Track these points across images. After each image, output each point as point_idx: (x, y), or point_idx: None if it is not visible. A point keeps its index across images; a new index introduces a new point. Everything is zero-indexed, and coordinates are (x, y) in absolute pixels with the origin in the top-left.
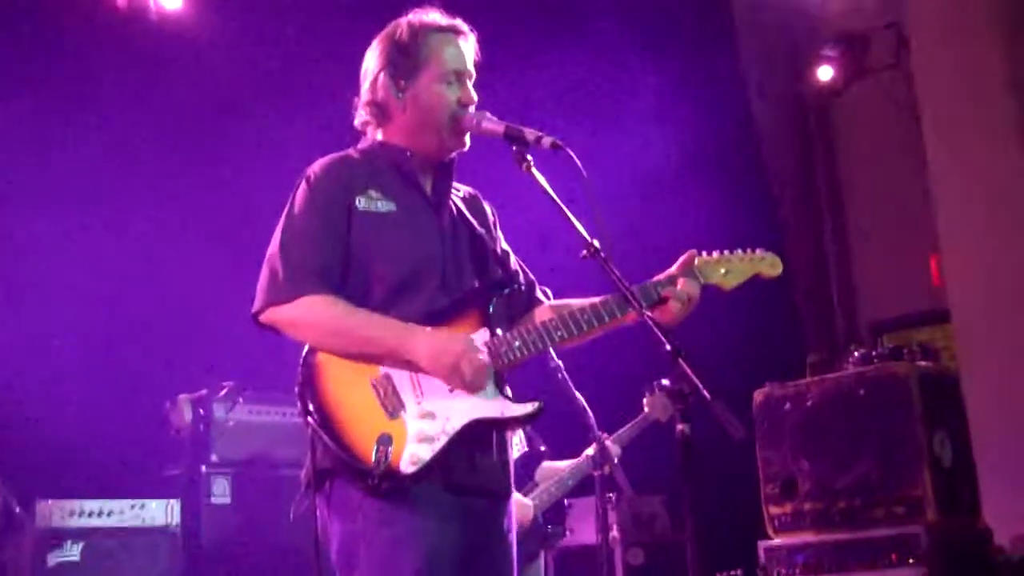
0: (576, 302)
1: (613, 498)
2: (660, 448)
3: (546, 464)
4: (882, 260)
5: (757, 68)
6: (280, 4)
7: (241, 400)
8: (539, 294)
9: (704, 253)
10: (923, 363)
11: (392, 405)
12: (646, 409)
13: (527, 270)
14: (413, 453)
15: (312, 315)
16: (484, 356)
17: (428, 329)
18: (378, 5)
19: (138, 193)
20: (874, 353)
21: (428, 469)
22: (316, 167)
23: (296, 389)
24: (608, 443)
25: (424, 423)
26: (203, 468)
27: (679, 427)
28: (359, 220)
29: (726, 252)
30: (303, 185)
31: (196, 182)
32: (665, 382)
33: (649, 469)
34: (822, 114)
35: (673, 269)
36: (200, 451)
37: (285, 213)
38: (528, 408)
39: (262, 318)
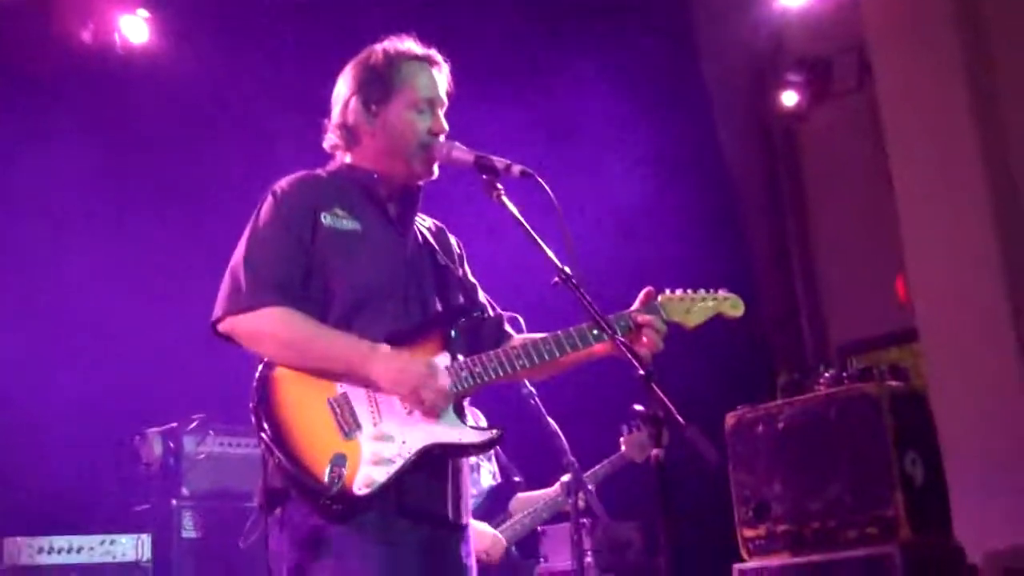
0: (544, 335)
1: (588, 524)
2: (634, 474)
3: (520, 495)
4: (849, 281)
5: (721, 93)
6: (246, 37)
7: (211, 433)
8: (508, 328)
9: (668, 291)
10: (893, 383)
11: (348, 425)
12: (622, 448)
13: (495, 305)
14: (367, 475)
15: (271, 326)
16: (445, 380)
17: (389, 349)
18: (345, 36)
19: (106, 226)
20: (844, 374)
21: (382, 492)
22: (283, 182)
23: (251, 404)
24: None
25: (380, 445)
26: (173, 502)
27: (653, 452)
28: (324, 236)
29: (689, 291)
30: (269, 199)
31: (164, 215)
32: (639, 407)
33: (623, 495)
34: (787, 138)
35: (636, 305)
36: (170, 485)
37: (250, 225)
38: (486, 435)
39: (221, 327)
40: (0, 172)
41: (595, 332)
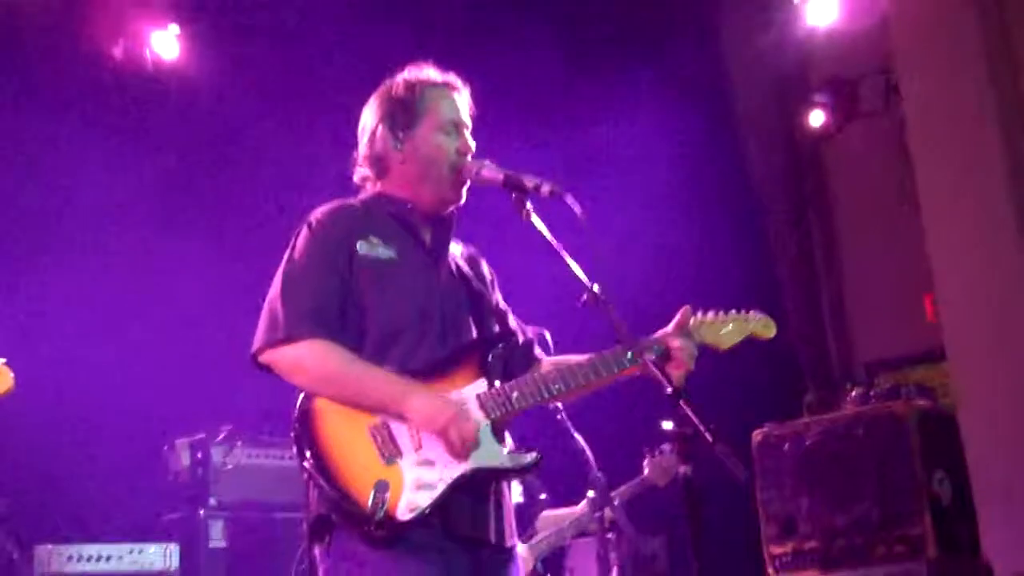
0: (575, 358)
1: (613, 538)
2: (660, 489)
3: (547, 512)
4: (876, 300)
5: (749, 114)
6: (278, 53)
7: (239, 444)
8: (538, 352)
9: (699, 313)
10: (920, 402)
11: (389, 452)
12: (645, 471)
13: (526, 329)
14: (411, 500)
15: (309, 360)
16: (472, 424)
17: (423, 389)
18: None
19: (137, 239)
20: (871, 393)
21: (425, 517)
22: (318, 212)
23: (292, 434)
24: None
25: (422, 471)
26: (201, 512)
27: (681, 469)
28: (360, 264)
29: (721, 313)
30: (304, 230)
31: (195, 228)
32: (668, 425)
33: (649, 510)
34: (814, 157)
35: (670, 328)
36: (198, 495)
37: (286, 257)
38: (526, 459)
39: (261, 358)
40: (36, 187)
41: (629, 356)
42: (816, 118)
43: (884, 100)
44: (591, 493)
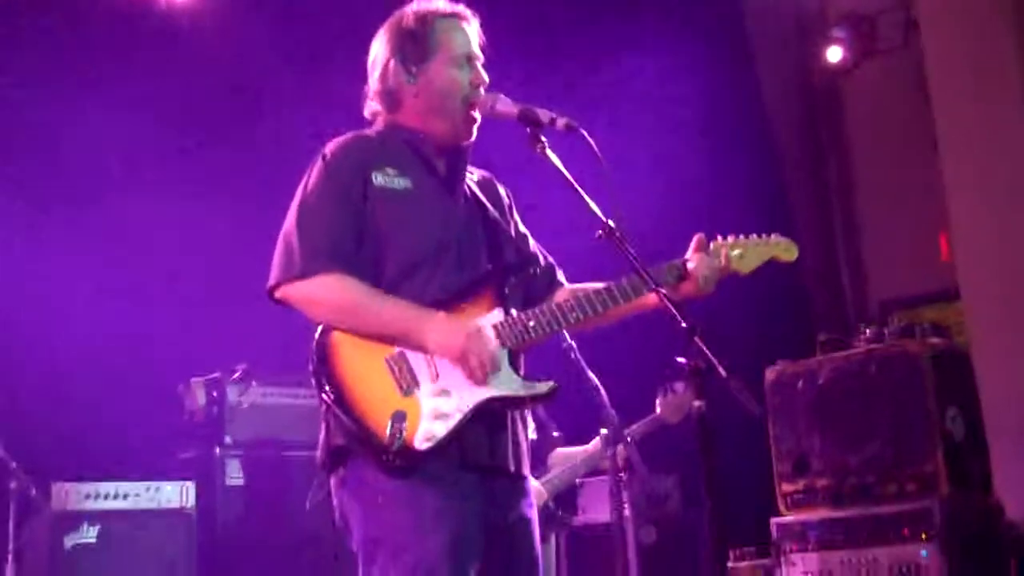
0: (593, 286)
1: (625, 477)
2: (672, 427)
3: (559, 450)
4: (891, 239)
5: (765, 48)
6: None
7: (254, 382)
8: (560, 277)
9: (719, 237)
10: (934, 340)
11: (406, 383)
12: (658, 410)
13: (546, 254)
14: (427, 430)
15: (326, 293)
16: (492, 346)
17: (441, 315)
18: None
19: (151, 180)
20: (885, 331)
21: (443, 446)
22: (332, 145)
23: (310, 367)
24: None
25: (439, 400)
26: (217, 450)
27: (695, 403)
28: (375, 195)
29: (741, 236)
30: (319, 162)
31: (209, 167)
32: (681, 360)
33: (662, 448)
34: (831, 95)
35: (688, 253)
36: (214, 433)
37: (300, 189)
38: (543, 387)
39: (277, 294)
40: (48, 133)
41: (645, 279)
42: (834, 54)
43: (903, 36)
44: (604, 431)
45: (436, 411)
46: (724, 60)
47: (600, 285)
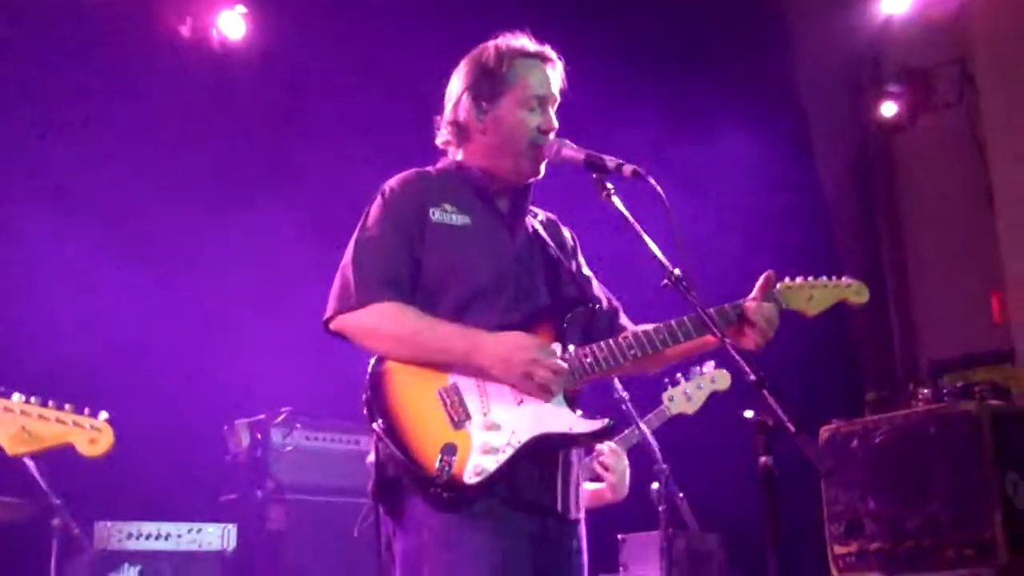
0: (653, 325)
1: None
2: (718, 485)
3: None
4: (943, 298)
5: (818, 102)
6: (339, 35)
7: (299, 426)
8: (623, 320)
9: (788, 278)
10: (994, 402)
11: (458, 415)
12: (664, 403)
13: (611, 296)
14: (477, 464)
15: (381, 322)
16: (558, 360)
17: (496, 334)
18: (440, 36)
19: (201, 218)
20: (944, 391)
21: (491, 481)
22: (392, 181)
23: (363, 397)
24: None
25: (489, 435)
26: (259, 493)
27: (762, 459)
28: (433, 231)
29: (810, 278)
30: (378, 198)
31: (259, 208)
32: (749, 414)
33: (706, 506)
34: (883, 149)
35: (754, 293)
36: (257, 476)
37: (360, 224)
38: (597, 424)
39: (332, 325)
40: (103, 168)
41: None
42: (888, 108)
43: (959, 91)
44: (655, 485)
45: (486, 445)
46: (775, 113)
47: (661, 324)
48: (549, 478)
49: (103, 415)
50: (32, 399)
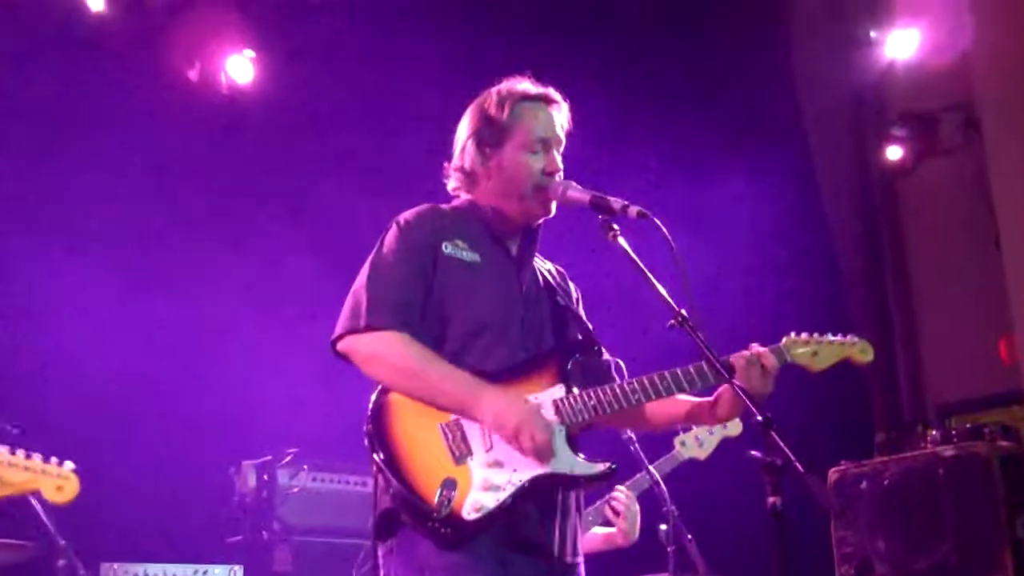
0: (656, 374)
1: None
2: (727, 526)
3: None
4: (950, 341)
5: (822, 146)
6: (348, 80)
7: (306, 467)
8: (615, 375)
9: (793, 333)
10: (1004, 443)
11: (459, 450)
12: (676, 448)
13: (604, 350)
14: (476, 500)
15: (387, 351)
16: (546, 425)
17: (497, 390)
18: (445, 78)
19: (206, 261)
20: (953, 432)
21: (491, 519)
22: (407, 213)
23: (364, 428)
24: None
25: (490, 472)
26: (266, 535)
27: (770, 500)
28: (444, 265)
29: (816, 334)
30: (393, 228)
31: (265, 250)
32: (756, 454)
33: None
34: (889, 194)
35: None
36: (263, 518)
37: (373, 252)
38: (598, 468)
39: (340, 346)
40: (108, 207)
41: (714, 372)
42: (893, 152)
43: (964, 135)
44: (663, 527)
45: (487, 482)
46: (779, 156)
47: (666, 371)
48: (548, 520)
49: (68, 464)
50: (1, 448)
